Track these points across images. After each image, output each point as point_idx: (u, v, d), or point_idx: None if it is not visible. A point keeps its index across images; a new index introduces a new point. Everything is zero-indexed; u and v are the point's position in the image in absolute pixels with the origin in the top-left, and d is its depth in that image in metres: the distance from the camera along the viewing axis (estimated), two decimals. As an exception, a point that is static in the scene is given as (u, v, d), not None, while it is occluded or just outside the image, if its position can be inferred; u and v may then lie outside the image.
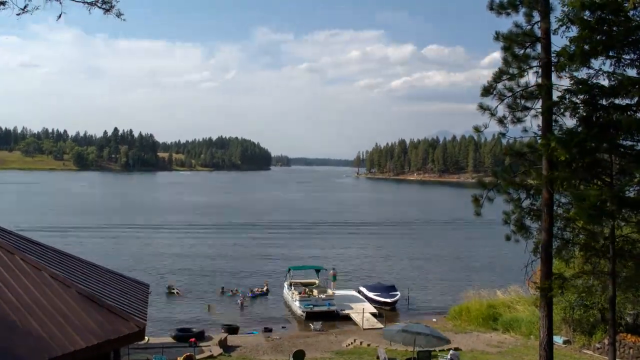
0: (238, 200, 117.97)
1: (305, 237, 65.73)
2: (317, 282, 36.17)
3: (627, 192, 13.92)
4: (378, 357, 21.81)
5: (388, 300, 33.98)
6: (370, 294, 34.75)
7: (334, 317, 31.52)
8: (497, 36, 12.65)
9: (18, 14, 9.74)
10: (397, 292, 35.16)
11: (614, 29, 11.54)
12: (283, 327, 30.16)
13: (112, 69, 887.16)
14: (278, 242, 60.86)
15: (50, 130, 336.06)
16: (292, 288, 34.37)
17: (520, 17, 12.77)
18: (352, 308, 32.44)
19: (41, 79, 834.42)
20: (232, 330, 28.29)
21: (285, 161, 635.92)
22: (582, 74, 12.24)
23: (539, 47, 12.79)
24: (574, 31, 11.94)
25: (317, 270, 37.30)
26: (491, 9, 12.83)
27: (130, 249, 53.01)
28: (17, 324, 9.50)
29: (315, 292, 33.54)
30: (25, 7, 9.67)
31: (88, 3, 9.59)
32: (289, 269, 36.63)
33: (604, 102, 12.30)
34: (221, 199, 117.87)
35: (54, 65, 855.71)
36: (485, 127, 13.83)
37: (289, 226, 75.11)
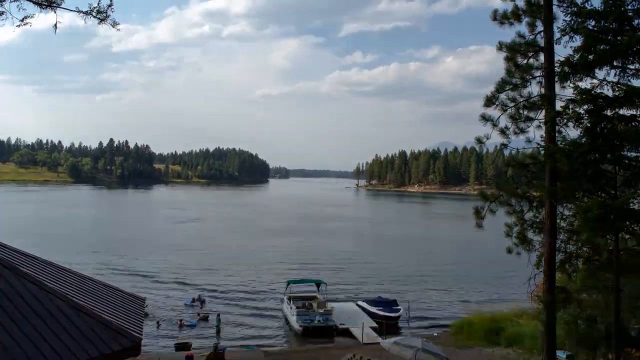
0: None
1: (303, 248, 65.28)
2: (318, 296, 35.72)
3: (631, 204, 13.73)
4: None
5: (392, 314, 33.52)
6: (372, 309, 34.30)
7: (331, 332, 31.08)
8: (500, 46, 12.56)
9: (18, 25, 9.69)
10: (400, 307, 34.75)
11: (618, 38, 11.43)
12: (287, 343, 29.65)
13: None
14: (277, 253, 60.46)
15: (44, 141, 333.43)
16: (291, 302, 33.95)
17: (523, 27, 12.71)
18: (351, 322, 31.99)
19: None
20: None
21: (284, 172, 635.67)
22: (586, 84, 12.13)
23: (542, 57, 12.69)
24: (577, 41, 11.84)
25: (318, 285, 36.82)
26: (494, 19, 12.75)
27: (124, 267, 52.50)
28: (10, 338, 9.27)
29: (314, 306, 33.10)
30: (24, 18, 9.61)
31: (83, 13, 9.52)
32: (288, 283, 36.19)
33: (608, 112, 12.16)
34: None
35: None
36: (488, 138, 13.72)
37: (287, 237, 74.72)
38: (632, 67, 11.85)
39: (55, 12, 9.43)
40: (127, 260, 53.25)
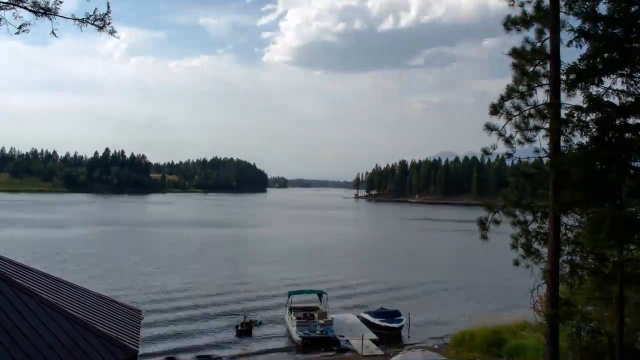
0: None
1: (304, 261, 64.91)
2: (319, 307, 35.38)
3: (637, 215, 13.53)
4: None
5: (394, 325, 33.18)
6: (375, 320, 33.93)
7: (332, 344, 30.71)
8: (511, 52, 12.38)
9: (17, 33, 9.62)
10: (403, 317, 34.39)
11: (627, 45, 11.29)
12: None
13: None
14: (276, 265, 60.11)
15: (39, 151, 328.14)
16: (292, 313, 33.63)
17: (530, 34, 12.55)
18: (351, 334, 31.64)
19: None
20: None
21: (283, 182, 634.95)
22: (593, 91, 11.93)
23: (548, 64, 12.52)
24: (585, 47, 11.68)
25: (320, 295, 36.50)
26: (504, 25, 12.61)
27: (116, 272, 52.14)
28: (4, 350, 9.09)
29: (316, 317, 32.77)
30: (21, 26, 9.54)
31: (80, 20, 9.43)
32: (289, 294, 35.86)
33: (615, 121, 11.98)
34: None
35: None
36: (494, 149, 13.53)
37: (286, 250, 74.37)
38: (639, 75, 11.70)
39: (51, 20, 9.34)
40: (123, 272, 52.87)
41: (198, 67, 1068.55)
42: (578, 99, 12.07)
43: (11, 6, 9.06)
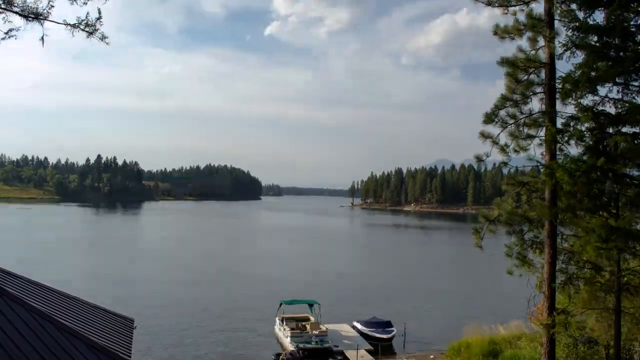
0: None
1: (298, 266, 64.64)
2: (311, 317, 34.94)
3: (634, 224, 13.48)
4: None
5: (384, 336, 32.89)
6: (366, 330, 33.69)
7: (327, 354, 30.38)
8: (502, 61, 12.34)
9: (3, 38, 9.49)
10: (393, 328, 34.11)
11: (622, 54, 11.27)
12: None
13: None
14: (269, 270, 59.82)
15: (30, 158, 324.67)
16: (284, 323, 33.18)
17: (523, 42, 12.51)
18: (346, 345, 31.30)
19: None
20: None
21: (277, 190, 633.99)
22: (588, 100, 11.91)
23: (543, 72, 12.49)
24: (579, 57, 11.66)
25: (311, 305, 36.00)
26: (495, 33, 12.57)
27: (106, 277, 51.73)
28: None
29: (308, 327, 32.39)
30: (8, 31, 9.42)
31: (70, 26, 9.33)
32: (281, 303, 35.36)
33: (610, 130, 11.95)
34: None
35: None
36: (487, 156, 13.46)
37: (281, 255, 74.05)
38: (635, 83, 11.67)
39: (42, 25, 9.23)
40: (115, 280, 52.46)
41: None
42: (572, 107, 12.06)
43: (0, 10, 8.93)
